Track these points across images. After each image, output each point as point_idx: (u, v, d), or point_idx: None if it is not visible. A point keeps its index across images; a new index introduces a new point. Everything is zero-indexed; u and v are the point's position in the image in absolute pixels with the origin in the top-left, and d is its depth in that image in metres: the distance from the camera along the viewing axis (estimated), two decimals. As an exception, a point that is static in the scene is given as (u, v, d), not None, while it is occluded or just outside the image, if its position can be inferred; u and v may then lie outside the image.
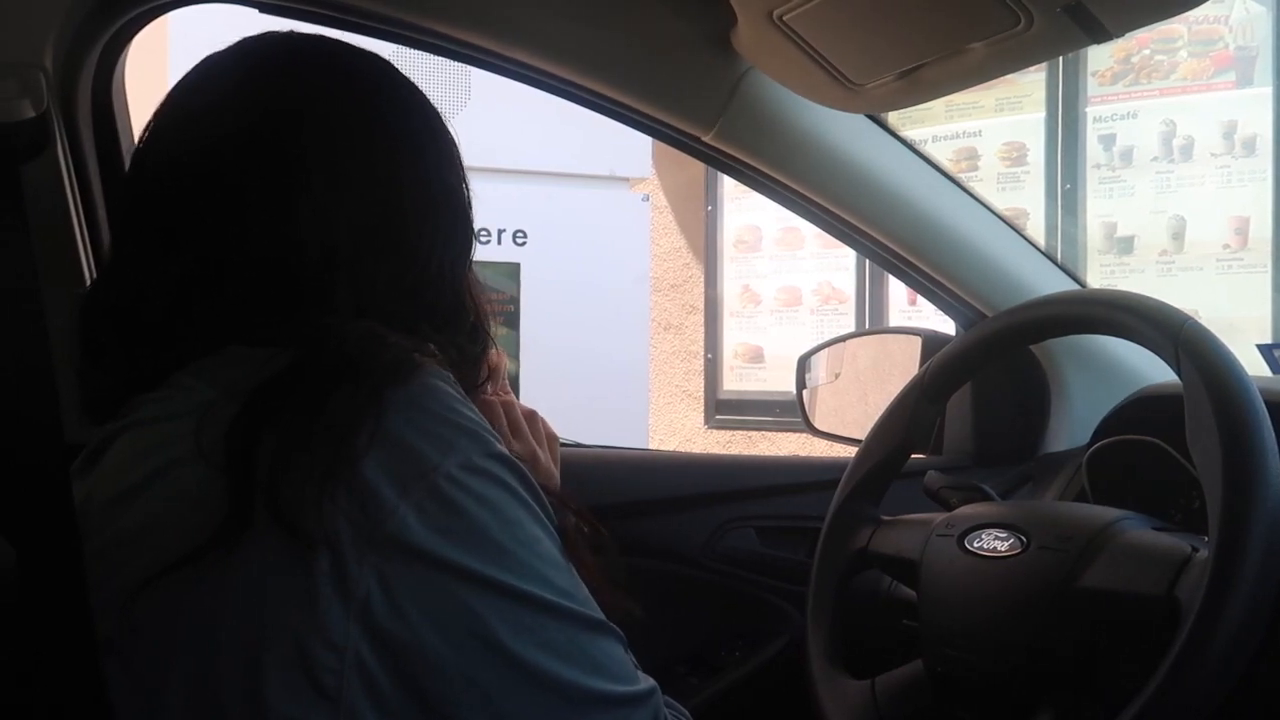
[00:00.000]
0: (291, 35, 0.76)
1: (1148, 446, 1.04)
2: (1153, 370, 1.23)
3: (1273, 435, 0.78)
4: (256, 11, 1.07)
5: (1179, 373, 0.84)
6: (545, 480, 0.84)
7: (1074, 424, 1.31)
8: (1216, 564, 0.74)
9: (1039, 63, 2.01)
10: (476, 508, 0.63)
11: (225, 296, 0.68)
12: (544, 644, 0.64)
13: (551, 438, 0.89)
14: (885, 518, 1.03)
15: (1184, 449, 0.83)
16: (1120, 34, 0.87)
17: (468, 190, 0.77)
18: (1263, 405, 0.79)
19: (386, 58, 0.77)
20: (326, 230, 0.68)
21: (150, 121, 0.74)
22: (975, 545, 0.90)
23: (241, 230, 0.68)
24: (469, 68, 1.19)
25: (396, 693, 0.61)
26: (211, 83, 0.73)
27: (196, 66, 0.75)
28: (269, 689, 0.59)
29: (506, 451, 0.66)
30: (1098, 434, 1.15)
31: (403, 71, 0.77)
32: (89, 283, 1.01)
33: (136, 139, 0.76)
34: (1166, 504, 1.03)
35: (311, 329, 0.66)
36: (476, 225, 0.80)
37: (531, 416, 0.88)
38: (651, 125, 1.17)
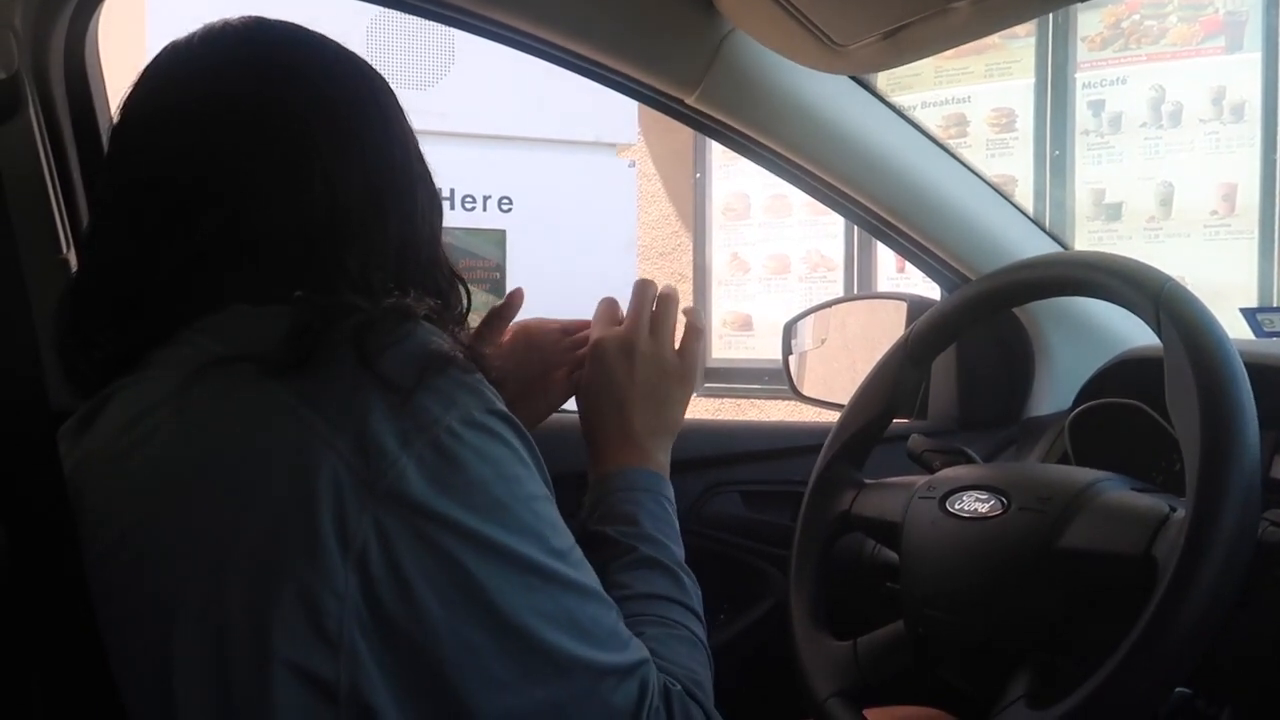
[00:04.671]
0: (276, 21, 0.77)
1: (1130, 409, 1.04)
2: (1136, 333, 1.23)
3: (1251, 396, 0.78)
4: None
5: (1159, 334, 0.84)
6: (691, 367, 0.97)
7: (1058, 388, 1.31)
8: (1192, 523, 0.74)
9: (1023, 21, 2.00)
10: (477, 462, 0.64)
11: (240, 264, 0.69)
12: (532, 606, 0.65)
13: (692, 329, 0.99)
14: (868, 481, 1.03)
15: (1166, 411, 0.83)
16: (1104, -9, 0.86)
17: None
18: (1242, 366, 0.79)
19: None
20: (337, 199, 0.71)
21: (129, 99, 0.75)
22: (956, 507, 0.91)
23: (261, 203, 0.70)
24: (453, 32, 1.17)
25: (389, 644, 0.62)
26: (208, 58, 0.74)
27: (183, 45, 0.75)
28: (275, 633, 0.60)
29: (507, 409, 0.68)
30: (1081, 397, 1.15)
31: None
32: (65, 249, 1.00)
33: (113, 110, 0.76)
34: (1149, 466, 1.04)
35: (322, 296, 0.67)
36: (462, 191, 0.82)
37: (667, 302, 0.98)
38: (633, 87, 1.15)
